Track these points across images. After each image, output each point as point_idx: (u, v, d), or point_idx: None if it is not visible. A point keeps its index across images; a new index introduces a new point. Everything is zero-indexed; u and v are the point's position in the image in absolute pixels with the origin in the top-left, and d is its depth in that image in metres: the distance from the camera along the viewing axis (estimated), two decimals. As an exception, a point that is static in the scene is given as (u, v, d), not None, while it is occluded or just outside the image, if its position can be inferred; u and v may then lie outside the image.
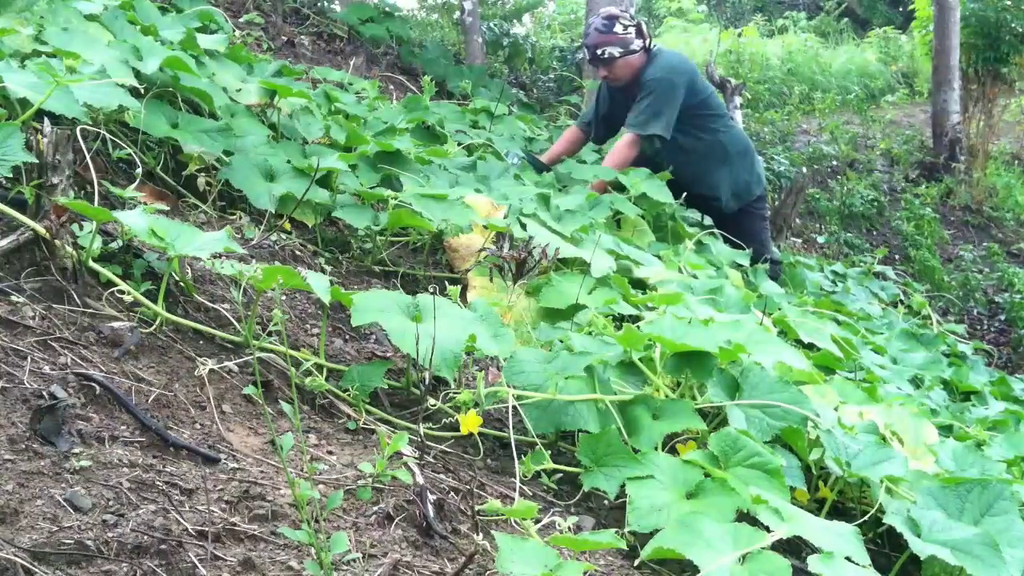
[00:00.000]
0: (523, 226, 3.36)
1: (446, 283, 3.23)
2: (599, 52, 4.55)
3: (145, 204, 2.60)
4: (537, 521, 1.83)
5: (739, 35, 12.95)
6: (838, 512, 2.32)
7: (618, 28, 4.53)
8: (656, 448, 2.20)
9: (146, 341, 2.12)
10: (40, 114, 2.45)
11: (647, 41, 4.61)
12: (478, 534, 1.72)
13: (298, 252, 3.09)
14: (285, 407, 1.60)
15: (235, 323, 2.36)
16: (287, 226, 3.17)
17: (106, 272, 2.19)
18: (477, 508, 1.79)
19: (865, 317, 5.03)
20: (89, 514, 1.52)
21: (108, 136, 2.85)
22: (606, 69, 4.62)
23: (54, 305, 2.08)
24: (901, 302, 6.08)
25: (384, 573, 1.58)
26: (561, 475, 2.20)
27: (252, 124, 3.47)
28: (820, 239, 7.49)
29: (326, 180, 3.33)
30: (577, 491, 2.15)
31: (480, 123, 5.30)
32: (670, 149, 4.70)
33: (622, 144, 4.63)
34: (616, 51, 4.53)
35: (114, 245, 2.35)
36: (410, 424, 2.23)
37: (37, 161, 2.16)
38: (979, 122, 9.25)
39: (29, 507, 1.48)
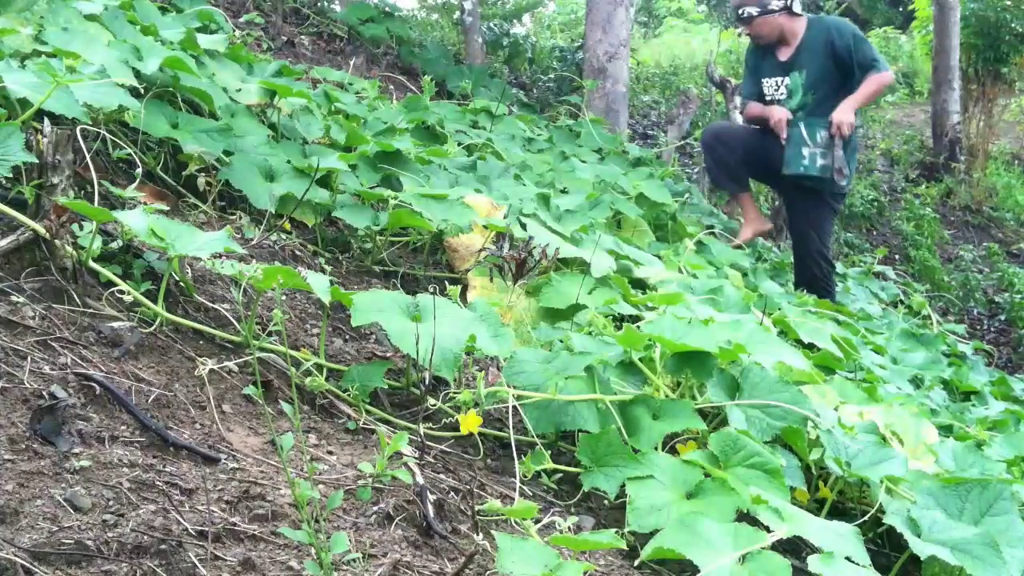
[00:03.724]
0: (523, 226, 3.36)
1: (446, 283, 3.23)
2: (739, 12, 4.99)
3: (145, 204, 2.60)
4: (537, 521, 1.83)
5: (739, 35, 12.92)
6: (838, 512, 2.32)
7: None
8: (656, 448, 2.20)
9: (146, 341, 2.12)
10: (40, 114, 2.45)
11: (788, 2, 4.88)
12: (478, 534, 1.72)
13: (298, 252, 3.09)
14: (285, 407, 1.60)
15: (235, 323, 2.36)
16: (287, 226, 3.17)
17: (106, 272, 2.19)
18: (477, 508, 1.79)
19: (865, 317, 5.03)
20: (89, 514, 1.52)
21: (108, 136, 2.85)
22: (746, 26, 5.04)
23: (54, 305, 2.08)
24: (901, 302, 6.07)
25: (384, 573, 1.58)
26: (561, 475, 2.20)
27: (252, 124, 3.47)
28: (820, 239, 7.47)
29: (326, 180, 3.33)
30: (577, 491, 2.16)
31: (480, 123, 5.30)
32: (826, 93, 4.89)
33: (881, 78, 4.83)
34: (754, 10, 4.91)
35: (114, 245, 2.35)
36: (410, 424, 2.23)
37: (37, 161, 2.16)
38: (979, 122, 9.24)
39: (29, 507, 1.48)
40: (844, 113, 4.73)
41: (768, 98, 5.10)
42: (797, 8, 4.95)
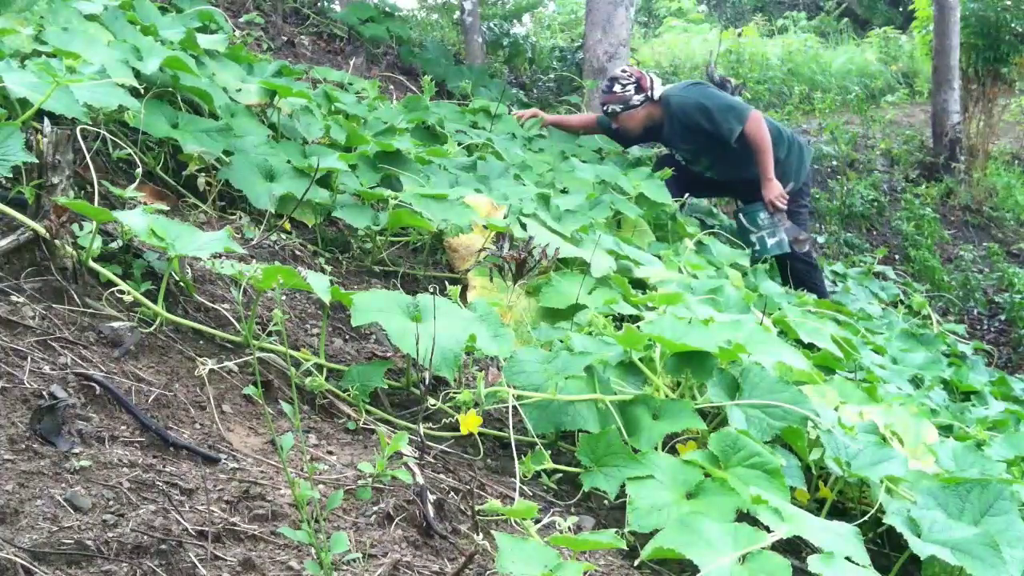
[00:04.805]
0: (523, 226, 3.36)
1: (446, 283, 3.23)
2: (604, 108, 5.18)
3: (145, 204, 2.60)
4: (537, 521, 1.83)
5: (739, 35, 12.93)
6: (838, 512, 2.32)
7: (617, 88, 5.06)
8: (656, 448, 2.20)
9: (146, 341, 2.12)
10: (40, 114, 2.45)
11: (649, 92, 5.03)
12: (478, 534, 1.72)
13: (298, 252, 3.09)
14: (285, 407, 1.60)
15: (235, 323, 2.36)
16: (287, 226, 3.17)
17: (106, 272, 2.19)
18: (477, 508, 1.79)
19: (865, 317, 5.03)
20: (89, 514, 1.52)
21: (108, 136, 2.85)
22: (614, 121, 5.18)
23: (54, 305, 2.08)
24: (901, 302, 6.07)
25: (384, 573, 1.58)
26: (561, 475, 2.20)
27: (252, 124, 3.47)
28: (820, 239, 7.49)
29: (326, 180, 3.33)
30: (577, 491, 2.16)
31: (480, 123, 5.30)
32: (715, 156, 5.03)
33: (758, 129, 4.87)
34: (617, 107, 5.06)
35: (114, 245, 2.35)
36: (410, 424, 2.23)
37: (37, 161, 2.16)
38: (979, 122, 9.23)
39: (29, 507, 1.48)
40: (769, 191, 4.89)
41: (683, 163, 5.27)
42: (656, 96, 5.05)
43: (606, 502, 2.17)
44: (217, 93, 3.40)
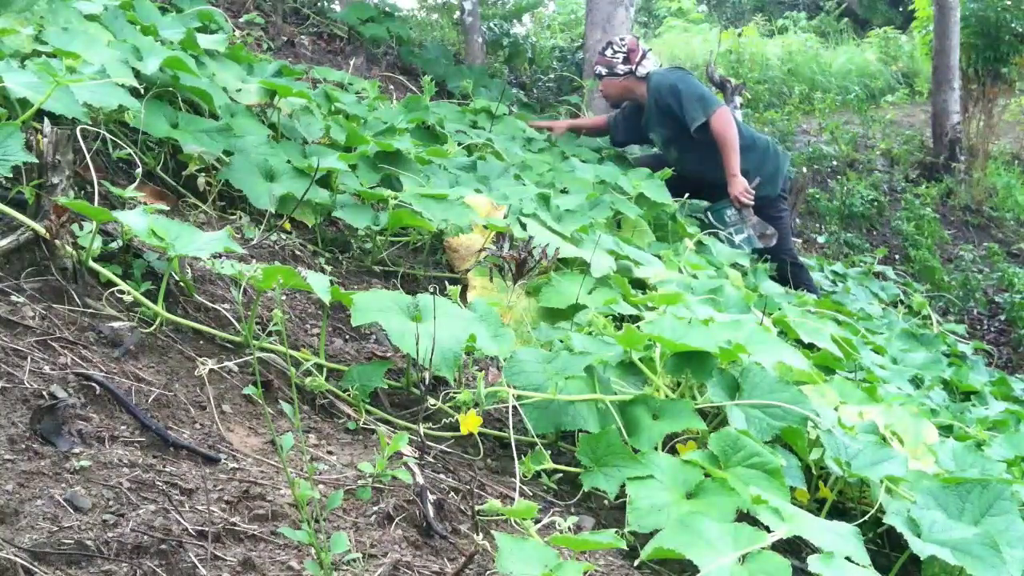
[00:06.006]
0: (523, 226, 3.36)
1: (446, 283, 3.23)
2: (595, 69, 5.39)
3: (145, 204, 2.60)
4: (537, 521, 1.83)
5: (739, 35, 12.93)
6: (838, 512, 2.32)
7: (608, 52, 5.25)
8: (656, 448, 2.20)
9: (146, 341, 2.12)
10: (40, 114, 2.45)
11: (633, 67, 5.17)
12: (478, 534, 1.72)
13: (298, 252, 3.09)
14: (285, 407, 1.60)
15: (235, 323, 2.36)
16: (287, 226, 3.17)
17: (106, 272, 2.19)
18: (477, 508, 1.79)
19: (865, 317, 5.03)
20: (89, 514, 1.51)
21: (108, 136, 2.85)
22: (599, 82, 5.39)
23: (54, 305, 2.08)
24: (901, 302, 6.08)
25: (384, 573, 1.58)
26: (561, 475, 2.20)
27: (252, 124, 3.47)
28: (820, 239, 7.49)
29: (326, 180, 3.33)
30: (577, 491, 2.16)
31: (480, 123, 5.30)
32: (684, 147, 5.06)
33: (723, 125, 4.88)
34: (602, 70, 5.27)
35: (114, 245, 2.35)
36: (410, 424, 2.23)
37: (37, 161, 2.16)
38: (979, 122, 9.24)
39: (29, 507, 1.48)
40: (734, 186, 4.91)
41: (661, 152, 5.31)
42: (642, 72, 5.14)
43: (606, 502, 2.17)
44: (217, 93, 3.40)
